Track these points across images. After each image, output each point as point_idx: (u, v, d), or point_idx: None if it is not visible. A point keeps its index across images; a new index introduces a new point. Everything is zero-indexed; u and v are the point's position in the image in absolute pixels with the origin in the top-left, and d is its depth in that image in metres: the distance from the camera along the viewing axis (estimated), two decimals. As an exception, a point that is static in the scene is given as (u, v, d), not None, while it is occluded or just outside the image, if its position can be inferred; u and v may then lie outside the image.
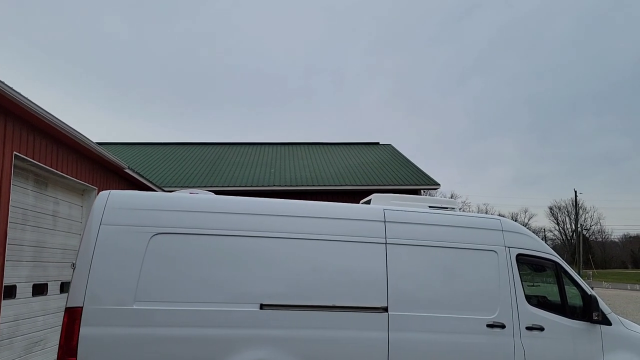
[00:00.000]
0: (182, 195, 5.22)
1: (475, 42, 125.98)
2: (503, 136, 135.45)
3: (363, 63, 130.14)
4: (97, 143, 8.84)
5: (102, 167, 9.78)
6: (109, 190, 4.94)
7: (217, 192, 5.81)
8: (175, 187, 16.23)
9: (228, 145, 25.30)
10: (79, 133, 7.94)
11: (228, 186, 17.61)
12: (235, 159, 22.08)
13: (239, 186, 17.68)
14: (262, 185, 17.81)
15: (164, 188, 13.99)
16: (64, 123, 7.38)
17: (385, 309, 5.13)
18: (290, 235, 5.11)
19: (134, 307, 4.54)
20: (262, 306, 4.83)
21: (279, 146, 25.32)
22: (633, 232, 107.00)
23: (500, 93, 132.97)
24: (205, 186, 17.23)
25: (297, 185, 17.95)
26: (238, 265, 4.89)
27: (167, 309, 4.61)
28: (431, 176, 19.70)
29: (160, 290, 4.65)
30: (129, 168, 10.42)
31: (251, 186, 17.71)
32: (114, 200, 4.84)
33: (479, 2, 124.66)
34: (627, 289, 40.52)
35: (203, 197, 5.22)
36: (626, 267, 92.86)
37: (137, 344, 4.48)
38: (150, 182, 12.36)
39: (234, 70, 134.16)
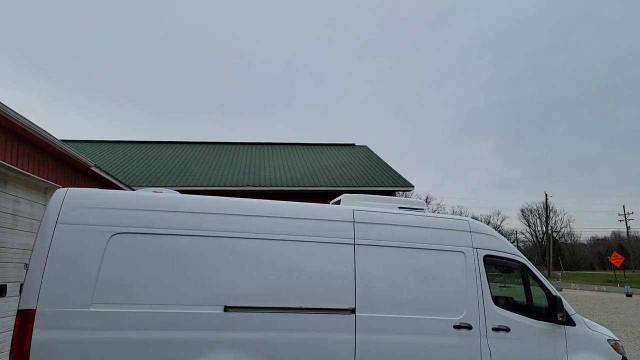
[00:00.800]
0: (144, 194, 5.06)
1: (453, 47, 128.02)
2: (479, 140, 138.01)
3: (345, 65, 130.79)
4: (63, 140, 8.58)
5: (68, 165, 9.48)
6: (67, 188, 4.75)
7: (190, 192, 5.65)
8: (147, 186, 15.91)
9: (202, 145, 24.98)
10: (41, 129, 7.68)
11: (201, 186, 17.38)
12: (210, 158, 21.80)
13: (213, 186, 17.45)
14: (236, 186, 17.62)
15: (134, 187, 13.68)
16: (24, 118, 7.11)
17: (353, 311, 5.06)
18: (256, 236, 5.00)
19: (91, 309, 4.36)
20: (226, 308, 4.70)
21: (254, 146, 25.14)
22: (601, 234, 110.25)
23: (477, 97, 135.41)
24: (178, 186, 16.96)
25: (271, 186, 17.82)
26: (201, 267, 4.75)
27: (126, 312, 4.44)
28: (407, 178, 19.83)
29: (120, 292, 4.48)
30: (95, 166, 10.14)
31: (225, 186, 17.50)
32: (71, 198, 4.65)
33: (458, 7, 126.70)
34: (594, 290, 41.54)
35: (166, 196, 5.06)
36: (594, 269, 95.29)
37: (93, 348, 4.30)
38: (119, 181, 12.07)
39: (212, 70, 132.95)
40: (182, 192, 5.45)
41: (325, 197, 17.16)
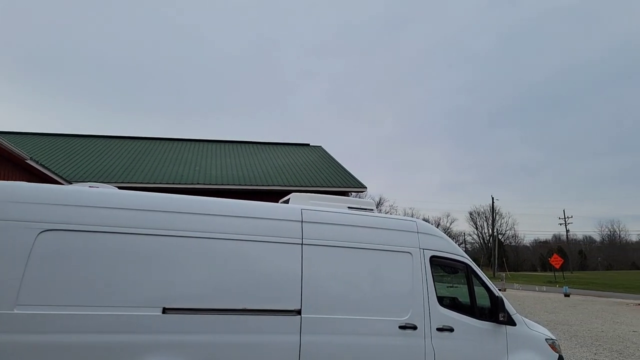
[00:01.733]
0: (78, 189, 4.74)
1: (408, 53, 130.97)
2: (431, 144, 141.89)
3: (303, 65, 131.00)
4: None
5: (1, 158, 8.88)
6: (-11, 181, 4.39)
7: (137, 189, 5.34)
8: (90, 182, 15.20)
9: (150, 141, 24.15)
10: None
11: (148, 183, 16.79)
12: (158, 155, 21.13)
13: (160, 183, 16.91)
14: (185, 183, 17.14)
15: (74, 182, 13.03)
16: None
17: (299, 312, 4.95)
18: (197, 234, 4.80)
19: (16, 311, 4.03)
20: (165, 310, 4.47)
21: (205, 143, 24.56)
22: (542, 237, 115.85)
23: (430, 103, 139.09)
24: (123, 182, 16.33)
25: (222, 184, 17.45)
26: (138, 266, 4.50)
27: (55, 314, 4.14)
28: (361, 180, 19.92)
29: (48, 293, 4.17)
30: (31, 159, 9.55)
31: (173, 183, 16.99)
32: None
33: (413, 16, 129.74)
34: (535, 290, 43.29)
35: (101, 191, 4.76)
36: (536, 270, 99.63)
37: (18, 353, 3.97)
38: (58, 176, 11.45)
39: (162, 63, 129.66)
40: (128, 188, 5.16)
41: (277, 196, 16.92)
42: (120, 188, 5.05)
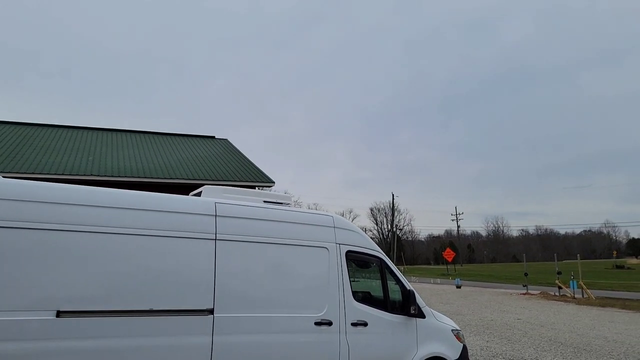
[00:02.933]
0: None
1: (317, 52, 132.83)
2: (335, 142, 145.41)
3: (209, 57, 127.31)
4: None
5: None
6: None
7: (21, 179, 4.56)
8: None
9: (34, 127, 21.67)
10: None
11: (34, 173, 15.09)
12: (44, 142, 19.09)
13: (48, 174, 15.25)
14: (77, 174, 15.63)
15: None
16: None
17: (211, 311, 4.65)
18: (98, 229, 4.28)
19: None
20: (59, 313, 3.94)
21: (100, 132, 22.65)
22: (436, 232, 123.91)
23: (335, 102, 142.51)
24: (4, 172, 14.52)
25: (120, 176, 16.20)
26: (26, 265, 3.91)
27: None
28: (267, 174, 19.60)
29: None
30: None
31: (63, 174, 15.41)
32: None
33: (324, 14, 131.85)
34: (430, 283, 46.01)
35: None
36: (430, 263, 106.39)
37: None
38: None
39: (49, 39, 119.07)
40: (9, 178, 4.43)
41: (182, 190, 16.12)
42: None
